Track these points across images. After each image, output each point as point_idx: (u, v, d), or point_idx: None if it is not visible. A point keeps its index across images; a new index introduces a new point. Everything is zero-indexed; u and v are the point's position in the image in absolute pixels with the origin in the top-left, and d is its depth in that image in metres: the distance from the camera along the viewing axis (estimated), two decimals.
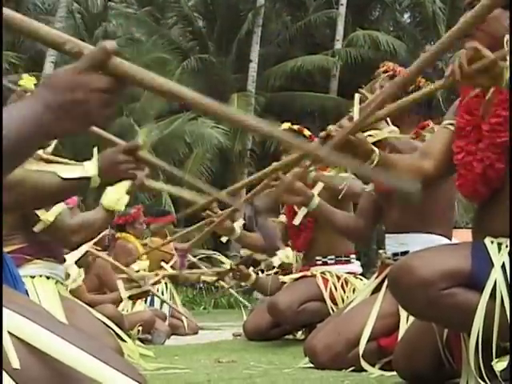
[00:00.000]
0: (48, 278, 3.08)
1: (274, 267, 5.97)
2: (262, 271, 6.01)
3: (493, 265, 2.17)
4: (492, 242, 2.24)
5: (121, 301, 4.86)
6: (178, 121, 16.43)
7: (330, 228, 3.88)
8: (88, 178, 2.42)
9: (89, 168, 2.43)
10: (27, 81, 2.97)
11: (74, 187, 2.47)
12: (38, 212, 2.98)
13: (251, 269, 5.73)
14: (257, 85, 17.94)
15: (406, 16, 22.11)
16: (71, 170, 2.49)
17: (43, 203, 2.62)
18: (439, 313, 2.20)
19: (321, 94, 18.33)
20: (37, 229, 3.01)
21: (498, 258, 2.19)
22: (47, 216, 3.00)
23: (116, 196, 3.04)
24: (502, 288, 2.14)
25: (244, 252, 6.66)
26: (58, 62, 14.75)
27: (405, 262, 2.27)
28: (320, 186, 4.08)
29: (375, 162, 2.35)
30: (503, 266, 2.17)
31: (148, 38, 18.56)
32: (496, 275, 2.15)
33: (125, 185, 2.95)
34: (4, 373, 1.18)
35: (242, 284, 6.82)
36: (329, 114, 16.92)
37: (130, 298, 4.81)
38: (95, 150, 2.63)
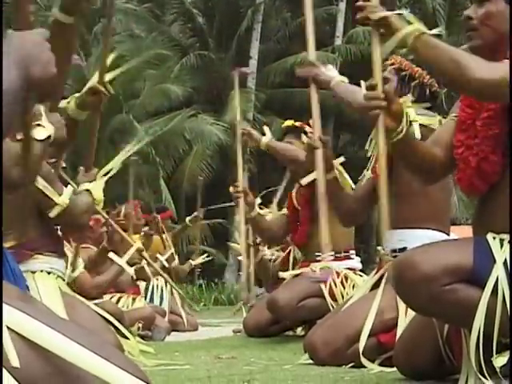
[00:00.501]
0: (49, 273, 3.08)
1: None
2: None
3: (495, 261, 2.17)
4: (494, 238, 2.23)
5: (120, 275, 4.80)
6: (178, 118, 16.41)
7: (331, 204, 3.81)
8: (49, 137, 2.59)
9: (46, 125, 2.56)
10: None
11: (47, 147, 2.60)
12: (53, 197, 2.97)
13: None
14: (257, 81, 17.92)
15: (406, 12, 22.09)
16: (38, 132, 2.55)
17: (36, 174, 2.67)
18: (441, 308, 2.20)
19: (321, 90, 18.27)
20: (53, 214, 2.99)
21: (500, 254, 2.19)
22: (63, 199, 2.98)
23: (100, 191, 3.14)
24: (504, 284, 2.14)
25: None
26: None
27: (407, 257, 2.26)
28: (340, 159, 4.04)
29: (404, 132, 2.32)
30: (505, 263, 2.17)
31: (148, 34, 18.54)
32: (498, 271, 2.15)
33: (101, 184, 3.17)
34: (4, 370, 1.18)
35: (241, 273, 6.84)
36: (329, 111, 16.90)
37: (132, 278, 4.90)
38: (41, 107, 2.66)
